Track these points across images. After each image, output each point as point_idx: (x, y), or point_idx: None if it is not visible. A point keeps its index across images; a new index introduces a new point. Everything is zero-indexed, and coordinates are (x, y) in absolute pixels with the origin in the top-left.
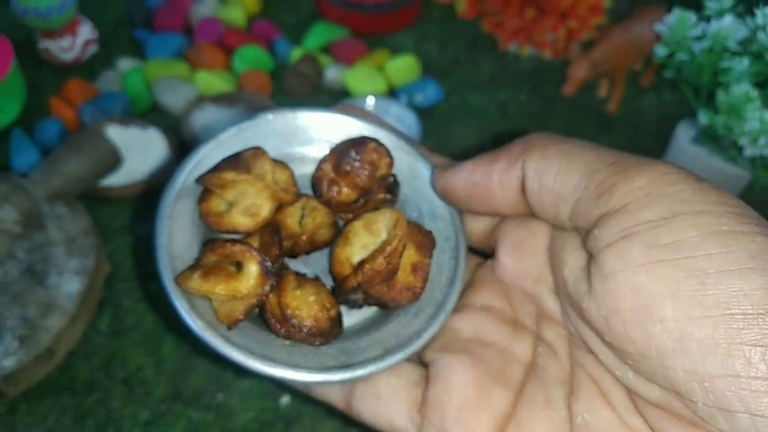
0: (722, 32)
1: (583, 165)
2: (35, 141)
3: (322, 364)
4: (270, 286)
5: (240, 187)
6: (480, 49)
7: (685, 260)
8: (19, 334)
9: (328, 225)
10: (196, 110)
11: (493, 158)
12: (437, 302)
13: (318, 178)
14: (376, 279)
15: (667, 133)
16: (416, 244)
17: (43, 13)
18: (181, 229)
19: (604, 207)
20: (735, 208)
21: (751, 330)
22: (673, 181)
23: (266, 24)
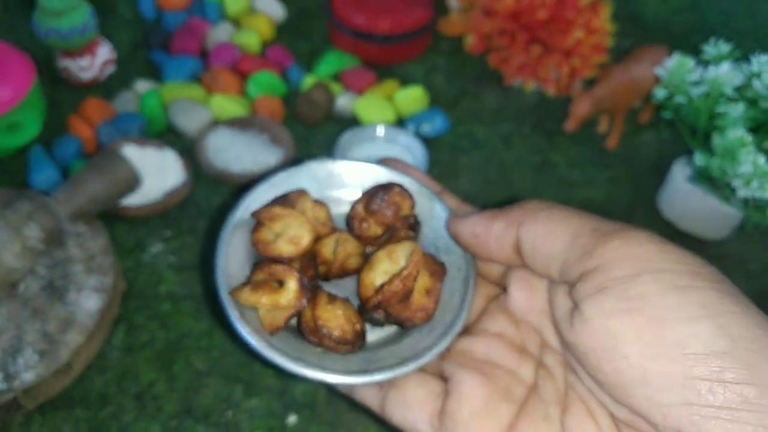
0: (719, 78)
1: (569, 230)
2: (54, 158)
3: (346, 369)
4: (306, 300)
5: (285, 221)
6: (486, 82)
7: (648, 309)
8: (39, 348)
9: (357, 255)
10: (210, 133)
11: (493, 217)
12: (447, 323)
13: (351, 216)
14: (394, 299)
15: (664, 169)
16: (430, 272)
17: (64, 34)
18: (235, 254)
19: (585, 266)
20: (692, 267)
21: (700, 367)
22: (641, 243)
23: (280, 51)
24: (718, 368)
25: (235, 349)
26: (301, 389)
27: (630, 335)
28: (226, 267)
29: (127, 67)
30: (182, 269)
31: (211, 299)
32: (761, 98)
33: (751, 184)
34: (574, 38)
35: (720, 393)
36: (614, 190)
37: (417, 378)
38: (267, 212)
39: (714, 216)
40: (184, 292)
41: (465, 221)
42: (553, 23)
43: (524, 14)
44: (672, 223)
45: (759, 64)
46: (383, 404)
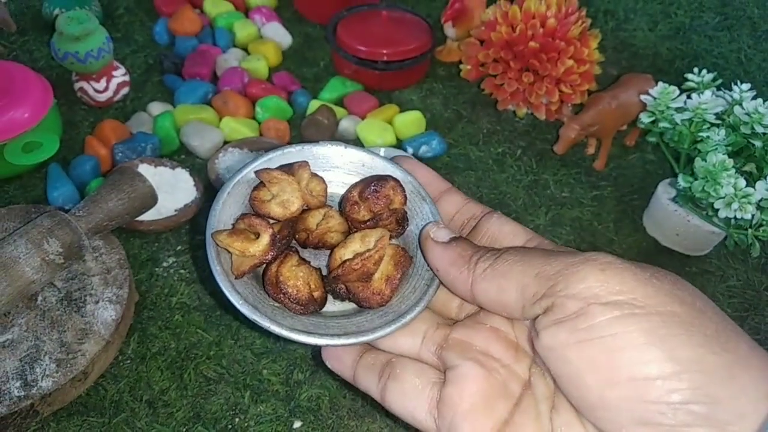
0: (702, 105)
1: (515, 282)
2: (71, 176)
3: (290, 325)
4: (272, 256)
5: (282, 185)
6: (480, 107)
7: (598, 340)
8: (57, 357)
9: (338, 232)
10: (221, 153)
11: (453, 263)
12: (399, 313)
13: (345, 197)
14: (353, 276)
15: (648, 189)
16: (395, 261)
17: (82, 58)
18: (232, 205)
19: (539, 309)
20: (633, 293)
21: (651, 391)
22: (582, 278)
23: (286, 76)
24: (668, 390)
25: (243, 358)
26: (306, 395)
27: (585, 365)
28: (220, 213)
29: (141, 89)
30: (193, 282)
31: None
32: (742, 124)
33: (732, 205)
34: (564, 67)
35: (671, 414)
36: (601, 209)
37: (415, 368)
38: (268, 174)
39: (696, 234)
40: (195, 303)
41: (433, 250)
42: (545, 52)
43: (517, 44)
44: (656, 241)
45: (740, 92)
46: (383, 394)
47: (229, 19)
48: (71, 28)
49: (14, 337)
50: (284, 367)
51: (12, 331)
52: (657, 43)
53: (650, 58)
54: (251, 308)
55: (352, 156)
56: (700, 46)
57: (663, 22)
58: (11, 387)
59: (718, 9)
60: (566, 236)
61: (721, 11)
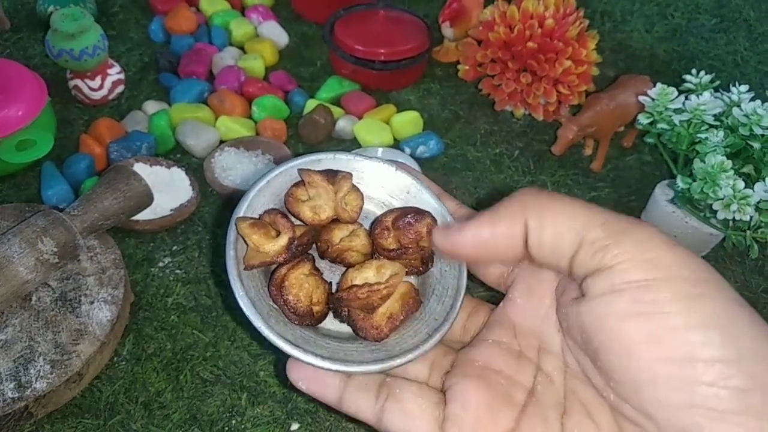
0: (700, 107)
1: (578, 224)
2: (65, 175)
3: (280, 332)
4: (284, 259)
5: (319, 190)
6: (478, 107)
7: (659, 315)
8: (51, 358)
9: (359, 252)
10: (217, 152)
11: (494, 218)
12: (391, 353)
13: (378, 219)
14: (356, 302)
15: (646, 190)
16: (403, 301)
17: (76, 56)
18: (267, 194)
19: (598, 263)
20: (702, 274)
21: (708, 373)
22: (653, 247)
23: (283, 75)
24: (725, 375)
25: (240, 359)
26: (303, 398)
27: (641, 338)
28: (252, 200)
29: (136, 88)
30: (189, 282)
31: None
32: (740, 125)
33: (731, 207)
34: (562, 67)
35: (725, 398)
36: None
37: (415, 388)
38: (309, 176)
39: (694, 236)
40: (191, 304)
41: (465, 231)
42: (543, 53)
43: (515, 44)
44: None
45: (738, 93)
46: (380, 415)
47: (225, 17)
48: (66, 26)
49: (8, 337)
50: (281, 369)
51: (6, 331)
52: (654, 45)
53: (647, 60)
54: (249, 303)
55: (401, 180)
56: (696, 47)
57: (659, 23)
58: (5, 388)
59: (715, 11)
60: None
61: (717, 13)
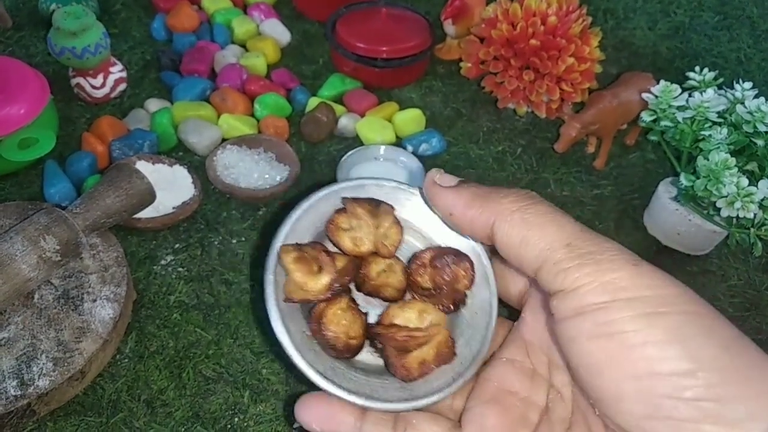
0: (704, 104)
1: (542, 242)
2: (67, 173)
3: (317, 364)
4: (326, 297)
5: (361, 222)
6: (480, 105)
7: (619, 335)
8: (54, 356)
9: (394, 288)
10: (219, 150)
11: (470, 204)
12: (416, 394)
13: (416, 255)
14: (391, 342)
15: (649, 188)
16: (438, 350)
17: (78, 54)
18: (309, 218)
19: (560, 285)
20: (661, 291)
21: (665, 386)
22: (614, 269)
23: (285, 73)
24: (681, 387)
25: (242, 357)
26: None
27: (605, 358)
28: (294, 224)
29: (138, 86)
30: (191, 280)
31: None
32: (744, 123)
33: (735, 204)
34: (565, 65)
35: (683, 409)
36: (602, 208)
37: (428, 417)
38: (353, 206)
39: (698, 233)
40: (194, 302)
41: (443, 195)
42: (545, 50)
43: (518, 41)
44: (657, 240)
45: (742, 91)
46: None
47: (227, 15)
48: (68, 24)
49: (10, 335)
50: (284, 367)
51: (8, 329)
52: (656, 42)
53: (650, 57)
54: (284, 331)
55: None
56: (699, 45)
57: (662, 21)
58: (7, 386)
59: (718, 8)
60: None
61: (720, 10)
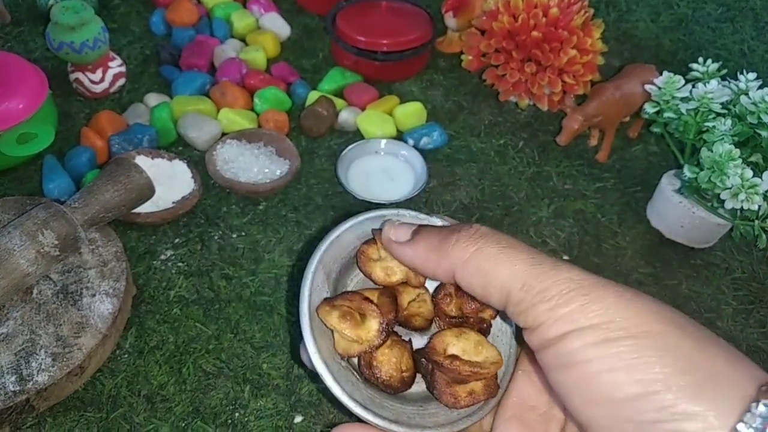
0: (707, 95)
1: (499, 286)
2: (66, 168)
3: (351, 396)
4: (381, 340)
5: None
6: (482, 98)
7: (577, 365)
8: (53, 351)
9: (424, 318)
10: (219, 145)
11: (426, 258)
12: (461, 415)
13: (442, 285)
14: (451, 374)
15: (652, 181)
16: (487, 383)
17: (77, 48)
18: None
19: (524, 323)
20: (612, 317)
21: (623, 411)
22: (567, 302)
23: (284, 67)
24: (637, 411)
25: (242, 352)
26: (307, 390)
27: (570, 386)
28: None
29: (137, 80)
30: (191, 275)
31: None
32: (748, 114)
33: (739, 196)
34: (567, 57)
35: (644, 430)
36: (605, 201)
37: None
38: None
39: (701, 226)
40: (193, 297)
41: (400, 251)
42: (547, 42)
43: (519, 34)
44: (660, 233)
45: (746, 82)
46: None
47: (226, 9)
48: (66, 18)
49: (9, 330)
50: (284, 362)
51: (7, 324)
52: (659, 35)
53: (652, 50)
54: (323, 364)
55: None
56: (702, 37)
57: (665, 13)
58: (6, 381)
59: (721, 0)
60: (569, 229)
61: (723, 2)
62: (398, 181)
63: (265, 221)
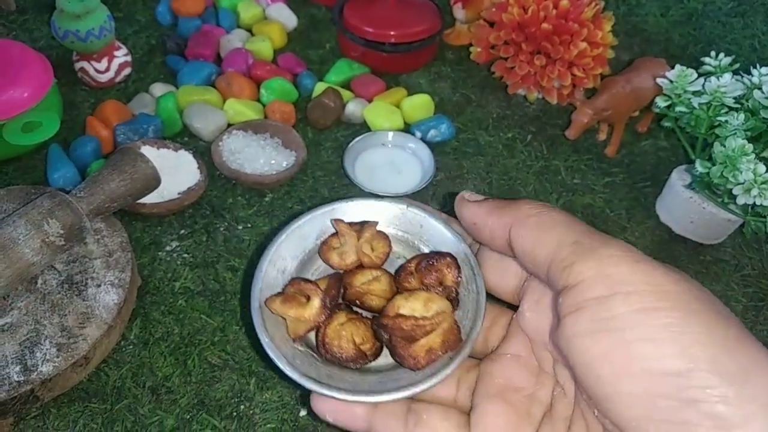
0: (720, 88)
1: (553, 242)
2: (72, 157)
3: (306, 374)
4: (324, 317)
5: (347, 238)
6: (490, 91)
7: (616, 331)
8: (57, 341)
9: (379, 297)
10: (225, 136)
11: (489, 213)
12: (425, 375)
13: (403, 266)
14: (398, 332)
15: (662, 176)
16: (444, 338)
17: (83, 37)
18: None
19: (565, 281)
20: (661, 287)
21: (662, 386)
22: (615, 263)
23: (291, 58)
24: (678, 387)
25: (248, 344)
26: None
27: (600, 355)
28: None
29: (143, 70)
30: (197, 266)
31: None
32: (761, 108)
33: (752, 191)
34: (577, 50)
35: (679, 410)
36: (613, 196)
37: (441, 411)
38: (338, 224)
39: (711, 222)
40: (199, 288)
41: (467, 207)
42: (557, 35)
43: (529, 26)
44: (670, 229)
45: (759, 76)
46: None
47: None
48: (72, 6)
49: (13, 320)
50: None
51: (11, 314)
52: (669, 29)
53: (662, 44)
54: (274, 347)
55: (412, 217)
56: (713, 32)
57: (675, 7)
58: (10, 372)
59: None
60: None
61: None
62: (405, 173)
63: (271, 213)
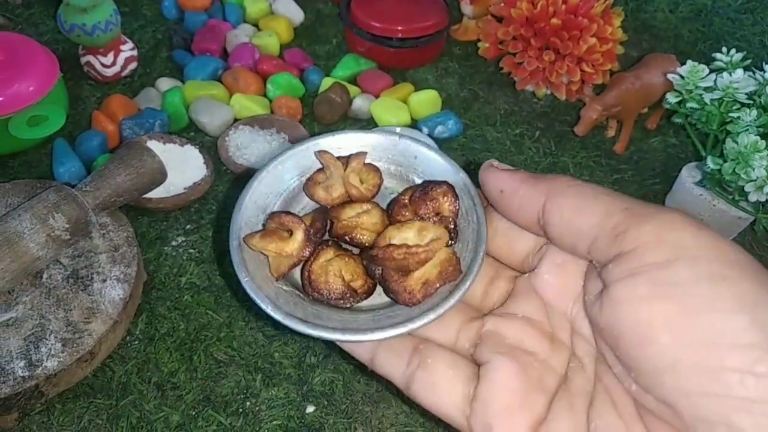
0: (733, 84)
1: (601, 208)
2: (77, 152)
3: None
4: (309, 251)
5: (333, 171)
6: (497, 87)
7: (681, 298)
8: (62, 336)
9: (370, 231)
10: (231, 131)
11: (522, 180)
12: (422, 310)
13: (396, 199)
14: (389, 263)
15: (671, 173)
16: (441, 268)
17: (89, 30)
18: (272, 185)
19: (618, 247)
20: (727, 254)
21: (732, 358)
22: (676, 228)
23: (298, 53)
24: (751, 360)
25: (254, 340)
26: (319, 379)
27: (661, 322)
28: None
29: (149, 65)
30: (202, 261)
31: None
32: None
33: (764, 188)
34: (586, 45)
35: (751, 386)
36: (622, 193)
37: (447, 357)
38: (322, 156)
39: (722, 219)
40: (205, 284)
41: (495, 174)
42: (566, 30)
43: (538, 21)
44: None
45: None
46: (409, 383)
47: None
48: (78, 0)
49: (18, 315)
50: (297, 350)
51: (16, 309)
52: (678, 25)
53: (671, 40)
54: (254, 287)
55: (406, 147)
56: (722, 28)
57: (684, 3)
58: (15, 367)
59: None
60: None
61: None
62: None
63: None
